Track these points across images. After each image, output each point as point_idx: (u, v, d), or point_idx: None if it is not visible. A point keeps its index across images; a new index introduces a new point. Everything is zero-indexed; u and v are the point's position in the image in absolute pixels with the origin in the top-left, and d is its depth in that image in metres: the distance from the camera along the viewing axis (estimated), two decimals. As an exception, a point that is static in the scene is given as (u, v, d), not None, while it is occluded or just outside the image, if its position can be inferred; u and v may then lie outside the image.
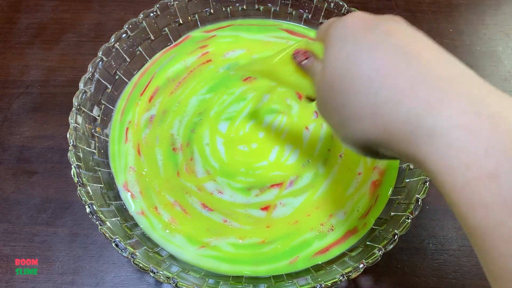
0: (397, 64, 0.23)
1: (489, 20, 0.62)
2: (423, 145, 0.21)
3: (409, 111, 0.21)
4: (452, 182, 0.20)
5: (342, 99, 0.25)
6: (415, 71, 0.22)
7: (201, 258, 0.40)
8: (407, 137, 0.22)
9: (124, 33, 0.47)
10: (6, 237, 0.45)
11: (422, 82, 0.22)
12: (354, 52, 0.24)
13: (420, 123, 0.21)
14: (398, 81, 0.22)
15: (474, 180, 0.19)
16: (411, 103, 0.21)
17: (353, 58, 0.24)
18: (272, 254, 0.41)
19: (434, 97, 0.21)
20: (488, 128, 0.19)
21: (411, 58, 0.23)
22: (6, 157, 0.49)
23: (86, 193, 0.38)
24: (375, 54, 0.24)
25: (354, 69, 0.24)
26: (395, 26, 0.25)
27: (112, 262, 0.43)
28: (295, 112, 0.48)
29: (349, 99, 0.24)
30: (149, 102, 0.48)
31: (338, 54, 0.25)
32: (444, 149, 0.20)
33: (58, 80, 0.54)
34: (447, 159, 0.20)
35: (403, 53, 0.23)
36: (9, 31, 0.58)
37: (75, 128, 0.41)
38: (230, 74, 0.50)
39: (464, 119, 0.20)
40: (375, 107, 0.23)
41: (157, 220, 0.42)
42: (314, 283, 0.36)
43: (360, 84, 0.23)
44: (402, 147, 0.22)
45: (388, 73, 0.23)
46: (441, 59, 0.23)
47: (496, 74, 0.57)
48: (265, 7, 0.54)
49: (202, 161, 0.45)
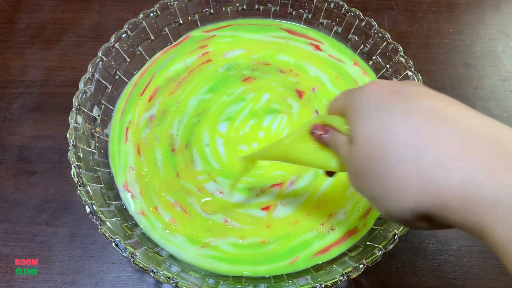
0: (437, 127, 0.22)
1: (489, 20, 0.62)
2: (485, 214, 0.20)
3: (464, 176, 0.20)
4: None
5: (382, 168, 0.23)
6: (461, 134, 0.21)
7: (201, 258, 0.40)
8: (466, 205, 0.20)
9: (124, 33, 0.47)
10: (6, 237, 0.44)
11: (472, 144, 0.21)
12: (388, 118, 0.23)
13: (480, 191, 0.20)
14: (444, 145, 0.21)
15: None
16: (465, 167, 0.20)
17: (389, 124, 0.23)
18: (272, 254, 0.41)
19: (489, 161, 0.20)
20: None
21: (449, 120, 0.22)
22: (6, 157, 0.49)
23: (86, 193, 0.38)
24: (411, 118, 0.23)
25: (392, 135, 0.23)
26: (421, 89, 0.25)
27: (112, 262, 0.43)
28: (296, 111, 0.48)
29: (391, 168, 0.23)
30: (149, 102, 0.48)
31: (370, 123, 0.24)
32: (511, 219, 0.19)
33: (58, 80, 0.54)
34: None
35: (440, 115, 0.22)
36: (9, 31, 0.58)
37: (75, 128, 0.41)
38: (230, 74, 0.50)
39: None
40: (423, 173, 0.22)
41: (157, 220, 0.42)
42: (314, 283, 0.36)
43: (401, 150, 0.22)
44: (460, 216, 0.21)
45: (430, 136, 0.22)
46: (478, 118, 0.23)
47: (496, 74, 0.57)
48: (265, 7, 0.54)
49: (202, 162, 0.45)
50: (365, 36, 0.50)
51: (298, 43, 0.53)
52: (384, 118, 0.24)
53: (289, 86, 0.50)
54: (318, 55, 0.52)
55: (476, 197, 0.20)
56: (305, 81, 0.50)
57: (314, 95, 0.49)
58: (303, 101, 0.49)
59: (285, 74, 0.50)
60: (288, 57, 0.52)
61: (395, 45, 0.47)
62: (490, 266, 0.44)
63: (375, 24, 0.49)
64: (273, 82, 0.50)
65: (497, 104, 0.54)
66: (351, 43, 0.52)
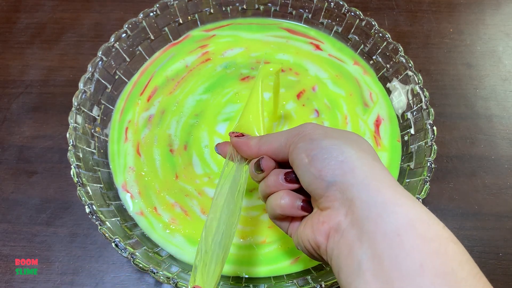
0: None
1: (489, 20, 0.62)
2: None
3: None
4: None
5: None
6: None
7: (201, 258, 0.40)
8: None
9: (124, 32, 0.47)
10: (6, 237, 0.44)
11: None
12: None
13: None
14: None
15: None
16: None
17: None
18: (272, 255, 0.41)
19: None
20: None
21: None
22: (5, 157, 0.49)
23: (86, 193, 0.38)
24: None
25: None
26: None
27: (111, 262, 0.43)
28: (294, 111, 0.48)
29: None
30: (148, 102, 0.48)
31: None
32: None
33: (58, 80, 0.54)
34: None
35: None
36: (8, 31, 0.58)
37: (74, 128, 0.41)
38: (227, 73, 0.50)
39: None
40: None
41: (157, 221, 0.42)
42: (314, 283, 0.36)
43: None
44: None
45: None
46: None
47: (496, 74, 0.57)
48: (265, 7, 0.54)
49: (201, 164, 0.45)
50: (366, 36, 0.50)
51: (298, 43, 0.53)
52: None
53: (288, 86, 0.50)
54: (318, 54, 0.52)
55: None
56: (305, 80, 0.50)
57: (315, 94, 0.49)
58: (301, 101, 0.49)
59: (285, 73, 0.50)
60: (288, 56, 0.52)
61: (396, 45, 0.47)
62: (491, 266, 0.44)
63: (375, 24, 0.49)
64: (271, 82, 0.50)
65: (498, 104, 0.54)
66: (351, 43, 0.52)
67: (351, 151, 0.26)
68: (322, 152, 0.27)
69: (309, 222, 0.28)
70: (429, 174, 0.40)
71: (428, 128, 0.43)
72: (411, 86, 0.46)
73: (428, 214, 0.24)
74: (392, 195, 0.24)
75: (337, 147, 0.27)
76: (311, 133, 0.29)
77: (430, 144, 0.42)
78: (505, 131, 0.52)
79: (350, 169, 0.25)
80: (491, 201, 0.48)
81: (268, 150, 0.31)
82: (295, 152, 0.29)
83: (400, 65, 0.47)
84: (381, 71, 0.50)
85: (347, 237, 0.24)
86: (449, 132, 0.52)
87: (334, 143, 0.27)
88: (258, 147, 0.32)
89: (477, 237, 0.45)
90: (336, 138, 0.28)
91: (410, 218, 0.23)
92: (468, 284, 0.21)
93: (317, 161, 0.27)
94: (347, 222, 0.25)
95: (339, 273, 0.24)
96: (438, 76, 0.56)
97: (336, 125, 0.47)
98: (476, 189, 0.49)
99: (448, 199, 0.48)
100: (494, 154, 0.51)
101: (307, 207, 0.30)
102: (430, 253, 0.21)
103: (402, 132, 0.47)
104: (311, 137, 0.28)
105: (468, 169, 0.50)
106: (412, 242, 0.22)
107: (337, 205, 0.26)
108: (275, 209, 0.30)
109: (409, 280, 0.21)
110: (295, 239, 0.31)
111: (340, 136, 0.28)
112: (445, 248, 0.22)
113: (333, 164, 0.26)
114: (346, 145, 0.27)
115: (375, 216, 0.23)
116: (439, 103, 0.54)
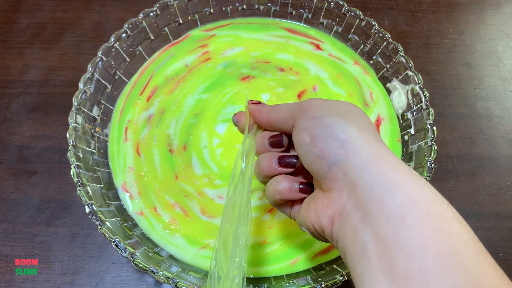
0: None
1: (489, 20, 0.62)
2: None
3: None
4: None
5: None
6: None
7: (201, 259, 0.40)
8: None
9: (124, 32, 0.47)
10: (6, 237, 0.44)
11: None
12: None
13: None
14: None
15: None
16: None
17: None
18: (273, 255, 0.41)
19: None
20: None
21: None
22: (5, 157, 0.49)
23: (86, 193, 0.38)
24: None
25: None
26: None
27: (111, 262, 0.43)
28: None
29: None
30: (147, 102, 0.48)
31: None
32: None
33: (58, 80, 0.54)
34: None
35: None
36: (8, 31, 0.58)
37: (74, 128, 0.41)
38: (228, 72, 0.50)
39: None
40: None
41: (157, 221, 0.42)
42: (314, 283, 0.36)
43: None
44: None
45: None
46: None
47: (496, 74, 0.57)
48: (265, 7, 0.54)
49: (201, 165, 0.45)
50: (365, 36, 0.50)
51: (298, 42, 0.53)
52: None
53: (289, 85, 0.50)
54: (318, 54, 0.52)
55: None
56: (306, 80, 0.50)
57: (315, 94, 0.49)
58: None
59: (285, 73, 0.50)
60: (288, 56, 0.52)
61: (396, 45, 0.47)
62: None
63: (375, 24, 0.49)
64: (272, 81, 0.50)
65: (498, 104, 0.54)
66: (351, 43, 0.52)
67: (353, 129, 0.26)
68: (324, 130, 0.26)
69: (312, 204, 0.28)
70: (429, 174, 0.40)
71: (428, 128, 0.43)
72: (411, 86, 0.46)
73: (432, 193, 0.23)
74: (395, 175, 0.24)
75: (339, 125, 0.26)
76: (315, 109, 0.28)
77: (430, 144, 0.42)
78: (505, 131, 0.52)
79: (353, 148, 0.25)
80: (491, 201, 0.48)
81: (276, 119, 0.31)
82: (297, 131, 0.28)
83: (400, 65, 0.47)
84: (381, 71, 0.50)
85: (351, 220, 0.24)
86: (449, 132, 0.52)
87: (336, 120, 0.27)
88: (268, 114, 0.32)
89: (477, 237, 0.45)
90: (339, 115, 0.27)
91: (413, 197, 0.22)
92: (473, 263, 0.20)
93: (319, 140, 0.26)
94: (350, 205, 0.24)
95: (345, 255, 0.24)
96: (438, 76, 0.56)
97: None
98: (476, 189, 0.49)
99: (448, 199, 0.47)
100: (494, 154, 0.51)
101: (307, 189, 0.29)
102: (433, 232, 0.21)
103: (402, 132, 0.47)
104: (314, 114, 0.28)
105: (468, 169, 0.50)
106: (415, 222, 0.21)
107: (340, 186, 0.25)
108: (274, 195, 0.30)
109: (412, 260, 0.20)
110: (298, 220, 0.30)
111: (343, 112, 0.28)
112: (448, 227, 0.21)
113: (335, 144, 0.26)
114: (348, 123, 0.26)
115: (378, 198, 0.23)
116: (439, 103, 0.54)
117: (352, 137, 0.25)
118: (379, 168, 0.24)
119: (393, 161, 0.25)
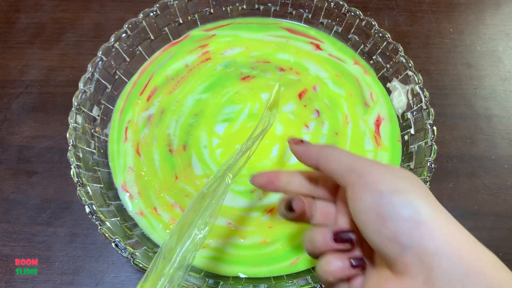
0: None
1: (489, 20, 0.62)
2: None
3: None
4: None
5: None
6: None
7: (202, 259, 0.40)
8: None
9: (124, 32, 0.47)
10: (6, 237, 0.44)
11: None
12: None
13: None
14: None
15: None
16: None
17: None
18: (273, 256, 0.41)
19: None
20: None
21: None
22: (5, 157, 0.49)
23: (86, 193, 0.38)
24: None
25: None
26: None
27: (111, 262, 0.43)
28: (294, 112, 0.48)
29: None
30: (147, 101, 0.48)
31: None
32: None
33: (58, 80, 0.54)
34: None
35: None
36: (8, 31, 0.58)
37: (74, 128, 0.41)
38: (228, 72, 0.50)
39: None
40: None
41: (157, 221, 0.42)
42: (314, 283, 0.36)
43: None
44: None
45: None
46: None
47: (496, 74, 0.57)
48: (265, 7, 0.54)
49: (200, 165, 0.45)
50: (365, 36, 0.50)
51: (298, 42, 0.53)
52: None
53: (289, 84, 0.50)
54: (318, 54, 0.52)
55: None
56: (306, 80, 0.50)
57: (316, 94, 0.49)
58: (302, 101, 0.49)
59: (285, 72, 0.50)
60: (288, 56, 0.52)
61: (396, 45, 0.47)
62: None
63: (375, 24, 0.49)
64: (272, 81, 0.50)
65: (498, 104, 0.54)
66: (351, 43, 0.52)
67: (425, 208, 0.24)
68: (395, 210, 0.24)
69: (382, 284, 0.26)
70: (429, 174, 0.40)
71: (428, 128, 0.43)
72: (411, 86, 0.46)
73: (509, 276, 0.23)
74: (471, 259, 0.23)
75: (410, 203, 0.24)
76: (377, 181, 0.25)
77: (430, 144, 0.42)
78: (505, 131, 0.52)
79: (429, 232, 0.23)
80: (491, 201, 0.48)
81: (324, 169, 0.29)
82: (361, 207, 0.26)
83: (400, 65, 0.47)
84: (381, 71, 0.50)
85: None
86: (449, 132, 0.52)
87: (406, 198, 0.24)
88: (317, 161, 0.29)
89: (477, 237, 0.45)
90: (406, 191, 0.25)
91: (493, 285, 0.22)
92: None
93: (390, 221, 0.24)
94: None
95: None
96: (438, 76, 0.56)
97: (337, 125, 0.47)
98: (476, 189, 0.49)
99: (448, 199, 0.48)
100: (494, 154, 0.51)
101: (362, 264, 0.28)
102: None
103: (402, 132, 0.47)
104: (379, 187, 0.25)
105: (468, 169, 0.50)
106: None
107: (414, 272, 0.23)
108: (328, 277, 0.28)
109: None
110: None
111: (408, 185, 0.25)
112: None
113: (409, 226, 0.23)
114: (417, 199, 0.24)
115: (457, 287, 0.22)
116: (439, 103, 0.54)
117: (426, 219, 0.24)
118: (457, 253, 0.23)
119: (466, 240, 0.24)
